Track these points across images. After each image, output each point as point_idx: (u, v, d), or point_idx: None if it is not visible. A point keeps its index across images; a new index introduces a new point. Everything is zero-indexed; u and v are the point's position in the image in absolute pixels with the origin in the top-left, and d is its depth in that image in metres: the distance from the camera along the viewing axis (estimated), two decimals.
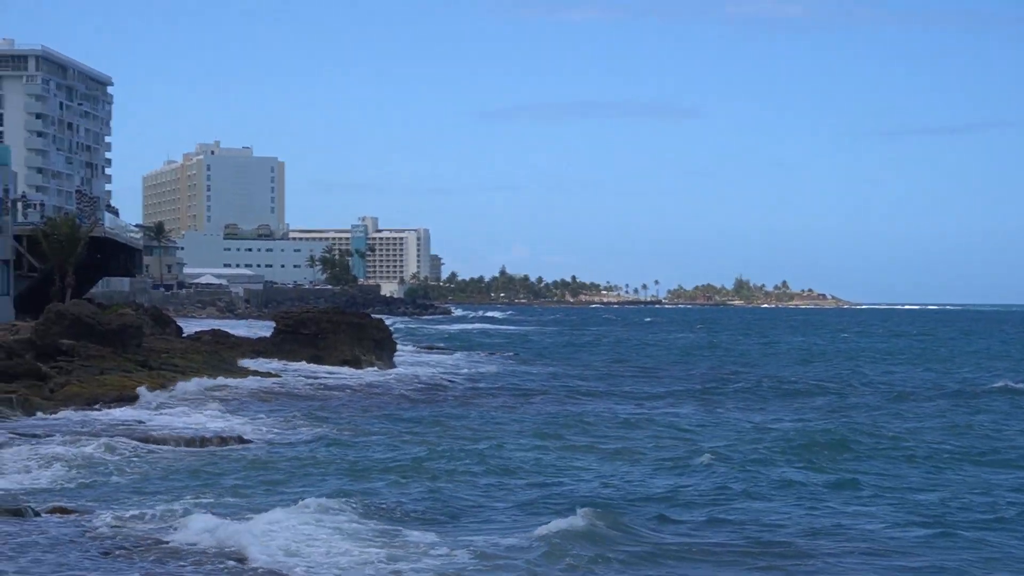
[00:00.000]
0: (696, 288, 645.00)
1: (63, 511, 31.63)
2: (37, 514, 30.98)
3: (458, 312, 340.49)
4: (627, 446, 47.30)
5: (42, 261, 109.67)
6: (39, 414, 53.14)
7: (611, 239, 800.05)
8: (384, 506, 33.45)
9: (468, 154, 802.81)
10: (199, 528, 29.37)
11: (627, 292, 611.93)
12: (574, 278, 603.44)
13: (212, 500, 33.57)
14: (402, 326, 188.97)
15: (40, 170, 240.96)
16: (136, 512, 31.48)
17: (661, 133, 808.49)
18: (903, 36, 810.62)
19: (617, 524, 30.90)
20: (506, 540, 29.09)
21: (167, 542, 28.71)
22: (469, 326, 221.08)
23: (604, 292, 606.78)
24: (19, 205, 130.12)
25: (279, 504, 32.82)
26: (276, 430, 50.26)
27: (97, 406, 56.83)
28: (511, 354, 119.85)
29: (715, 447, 46.41)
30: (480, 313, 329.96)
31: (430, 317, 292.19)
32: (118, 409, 56.06)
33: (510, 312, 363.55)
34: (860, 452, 46.05)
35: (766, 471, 40.97)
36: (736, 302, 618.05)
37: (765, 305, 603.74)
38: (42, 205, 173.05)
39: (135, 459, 41.21)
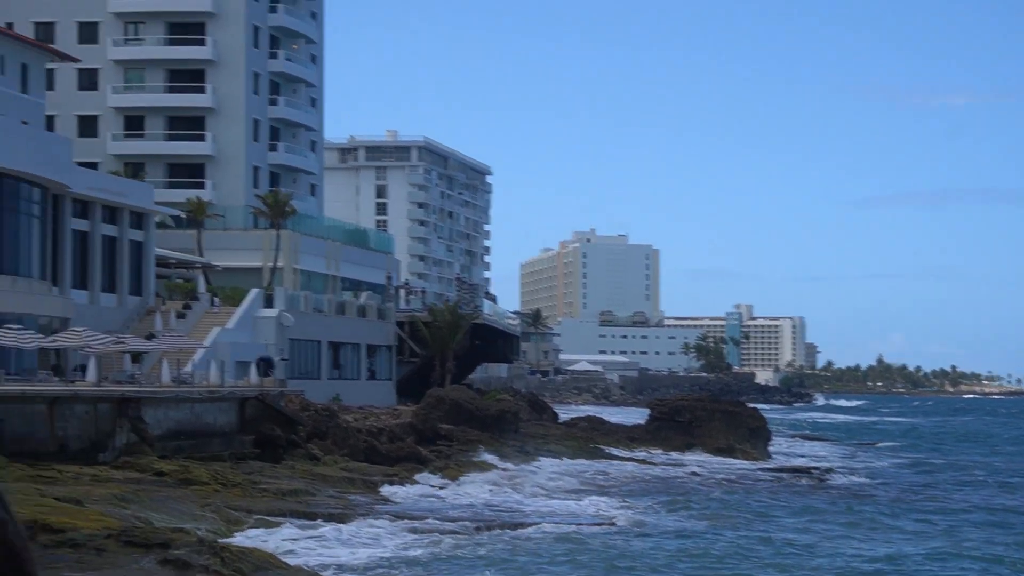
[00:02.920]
0: None
1: None
2: None
3: (823, 401, 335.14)
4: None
5: (423, 347, 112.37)
6: (416, 494, 54.33)
7: (993, 328, 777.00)
8: None
9: (844, 241, 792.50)
10: None
11: (1009, 383, 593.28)
12: (953, 368, 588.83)
13: None
14: (777, 415, 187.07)
15: (422, 258, 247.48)
16: None
17: None
18: None
19: None
20: None
21: None
22: (837, 416, 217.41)
23: (985, 383, 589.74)
24: (402, 292, 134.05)
25: None
26: (646, 516, 50.22)
27: (466, 486, 57.82)
28: (883, 445, 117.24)
29: None
30: (848, 403, 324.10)
31: (802, 405, 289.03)
32: (492, 490, 56.92)
33: (864, 401, 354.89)
34: None
35: None
36: None
37: None
38: (423, 292, 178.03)
39: (503, 539, 41.74)
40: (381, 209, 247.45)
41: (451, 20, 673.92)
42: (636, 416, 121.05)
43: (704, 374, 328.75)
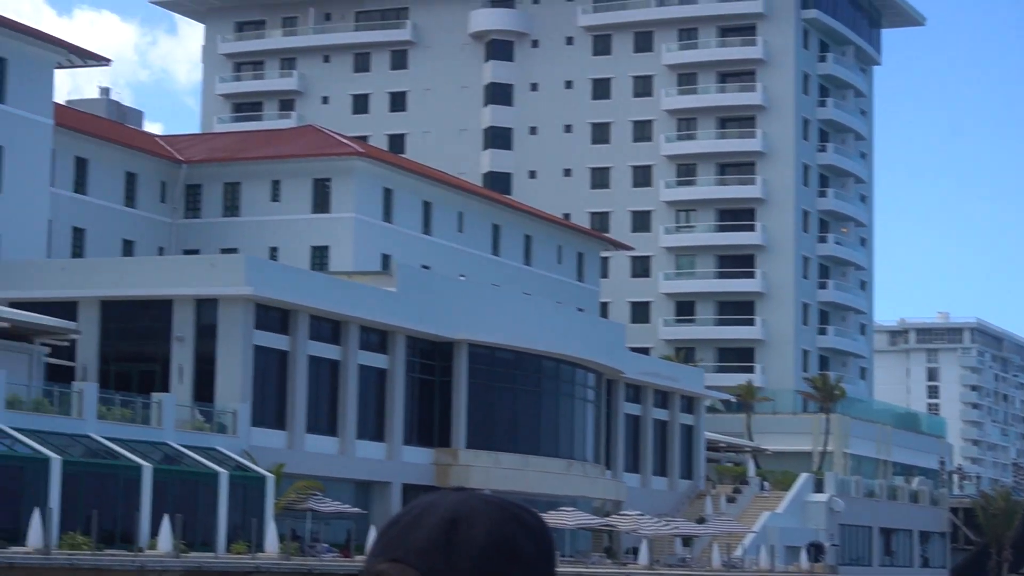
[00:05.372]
0: None
1: None
2: None
3: None
4: None
5: (978, 534, 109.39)
6: None
7: None
8: None
9: None
10: None
11: None
12: None
13: None
14: None
15: (975, 442, 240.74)
16: None
17: None
18: None
19: None
20: None
21: None
22: None
23: None
24: (955, 477, 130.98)
25: None
26: None
27: None
28: None
29: None
30: None
31: None
32: None
33: None
34: None
35: None
36: None
37: None
38: (978, 478, 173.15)
39: None
40: (932, 392, 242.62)
41: (1005, 197, 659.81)
42: None
43: None
